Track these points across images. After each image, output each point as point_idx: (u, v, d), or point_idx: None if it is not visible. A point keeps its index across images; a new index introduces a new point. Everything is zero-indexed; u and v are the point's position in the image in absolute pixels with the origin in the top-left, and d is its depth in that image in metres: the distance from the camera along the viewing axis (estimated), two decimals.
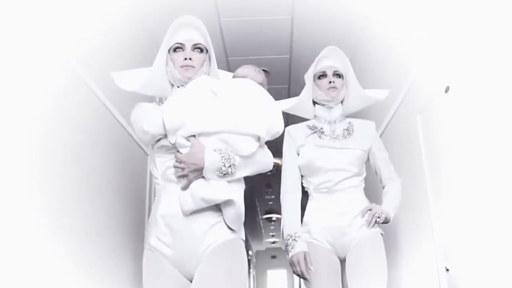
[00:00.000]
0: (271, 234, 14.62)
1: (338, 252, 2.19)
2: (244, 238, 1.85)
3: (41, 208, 1.90)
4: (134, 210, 3.10)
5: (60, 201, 2.06)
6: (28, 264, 1.77)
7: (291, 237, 2.12)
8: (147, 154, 3.34)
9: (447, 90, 2.23)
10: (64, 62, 2.18)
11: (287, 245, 2.13)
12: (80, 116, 2.32)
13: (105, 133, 2.67)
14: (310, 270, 2.05)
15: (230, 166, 1.72)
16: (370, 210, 2.16)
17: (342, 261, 2.20)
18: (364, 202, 2.22)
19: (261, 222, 12.63)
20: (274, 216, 11.86)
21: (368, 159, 2.32)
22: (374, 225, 2.14)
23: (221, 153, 1.72)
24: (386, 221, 2.17)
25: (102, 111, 2.63)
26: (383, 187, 2.31)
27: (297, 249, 2.09)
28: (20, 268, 1.71)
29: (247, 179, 1.84)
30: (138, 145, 3.23)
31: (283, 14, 3.69)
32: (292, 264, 2.10)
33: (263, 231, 13.93)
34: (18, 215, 1.74)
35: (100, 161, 2.57)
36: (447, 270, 2.30)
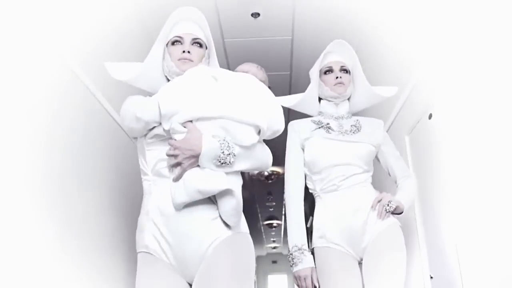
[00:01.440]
0: (272, 239, 14.59)
1: (357, 252, 2.01)
2: (248, 231, 1.68)
3: (40, 208, 1.86)
4: (135, 209, 3.06)
5: (60, 201, 2.02)
6: (26, 264, 1.72)
7: (298, 249, 1.99)
8: None
9: (430, 117, 2.38)
10: (62, 61, 2.13)
11: (293, 257, 2.00)
12: (78, 116, 2.27)
13: (104, 133, 2.61)
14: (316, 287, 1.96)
15: (229, 154, 1.54)
16: (380, 201, 1.99)
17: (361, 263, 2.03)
18: (376, 195, 2.04)
19: (262, 228, 12.60)
20: (275, 222, 11.74)
21: (378, 159, 2.17)
22: (385, 215, 1.97)
23: (220, 140, 1.55)
24: (399, 211, 2.01)
25: (100, 111, 2.56)
26: (397, 186, 2.14)
27: (305, 264, 1.97)
28: (18, 267, 1.66)
29: (248, 186, 1.70)
30: None
31: (283, 34, 3.84)
32: (298, 278, 1.99)
33: (264, 236, 13.89)
34: (17, 215, 1.68)
35: (100, 161, 2.51)
36: (431, 278, 2.45)
